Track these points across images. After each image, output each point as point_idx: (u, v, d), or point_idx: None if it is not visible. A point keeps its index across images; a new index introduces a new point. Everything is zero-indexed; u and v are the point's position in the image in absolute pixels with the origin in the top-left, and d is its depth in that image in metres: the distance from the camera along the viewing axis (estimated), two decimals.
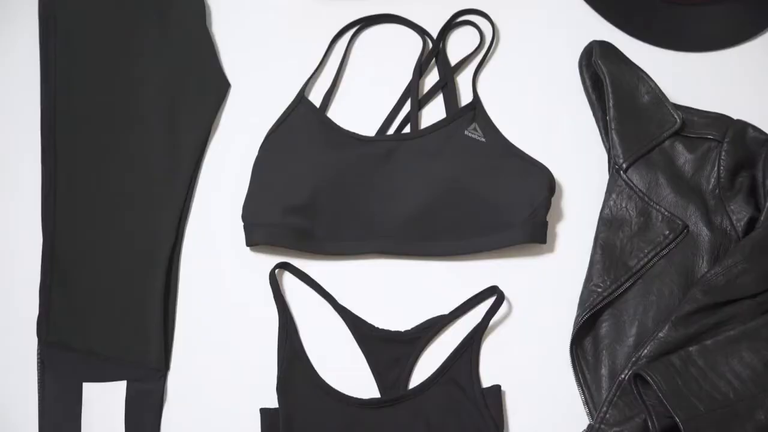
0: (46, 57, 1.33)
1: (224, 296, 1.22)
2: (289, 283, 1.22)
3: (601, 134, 1.30)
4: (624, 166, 1.23)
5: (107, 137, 1.29)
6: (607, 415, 1.13)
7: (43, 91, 1.31)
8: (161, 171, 1.27)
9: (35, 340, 1.18)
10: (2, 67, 1.35)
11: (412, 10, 1.39)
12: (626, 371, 1.13)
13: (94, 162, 1.28)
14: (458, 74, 1.36)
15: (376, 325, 1.19)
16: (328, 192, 1.23)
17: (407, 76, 1.34)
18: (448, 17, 1.38)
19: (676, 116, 1.25)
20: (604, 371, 1.16)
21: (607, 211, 1.22)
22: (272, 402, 1.15)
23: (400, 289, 1.23)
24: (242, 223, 1.22)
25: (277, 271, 1.22)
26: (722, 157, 1.22)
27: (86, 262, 1.22)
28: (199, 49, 1.36)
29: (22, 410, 1.17)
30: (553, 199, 1.23)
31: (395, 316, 1.20)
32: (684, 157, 1.24)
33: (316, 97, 1.33)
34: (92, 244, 1.23)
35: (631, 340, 1.16)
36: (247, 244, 1.22)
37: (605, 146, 1.29)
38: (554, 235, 1.25)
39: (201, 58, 1.35)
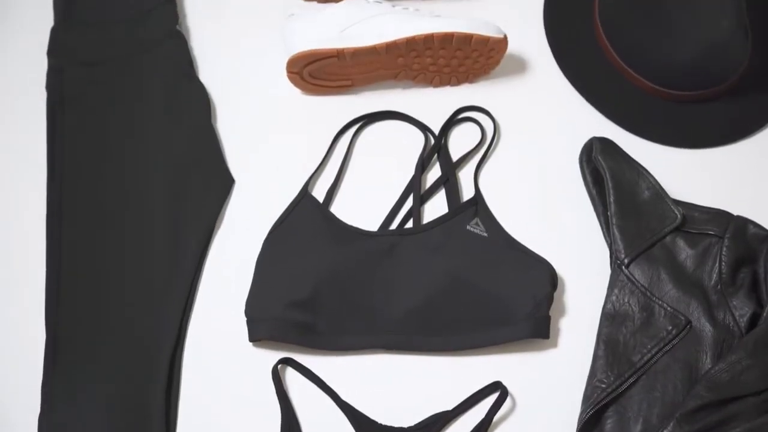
0: (53, 150, 1.35)
1: (227, 392, 1.21)
2: (292, 378, 1.22)
3: (602, 229, 1.31)
4: (626, 261, 1.23)
5: (111, 231, 1.30)
6: None
7: (49, 184, 1.32)
8: (165, 266, 1.27)
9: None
10: (7, 162, 1.38)
11: (415, 107, 1.41)
12: None
13: (99, 256, 1.28)
14: (460, 169, 1.37)
15: (378, 422, 1.18)
16: (331, 287, 1.23)
17: (410, 172, 1.36)
18: (449, 114, 1.40)
19: (676, 212, 1.26)
20: None
21: (609, 306, 1.22)
22: None
23: (403, 384, 1.22)
24: (245, 319, 1.22)
25: (279, 366, 1.21)
26: (723, 253, 1.23)
27: (89, 358, 1.22)
28: (204, 145, 1.37)
29: None
30: (555, 294, 1.24)
31: (398, 412, 1.19)
32: (685, 252, 1.25)
33: (319, 193, 1.34)
34: (95, 340, 1.23)
35: None
36: (250, 340, 1.21)
37: (606, 241, 1.29)
38: (557, 330, 1.25)
39: (205, 153, 1.36)
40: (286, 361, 1.22)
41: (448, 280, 1.23)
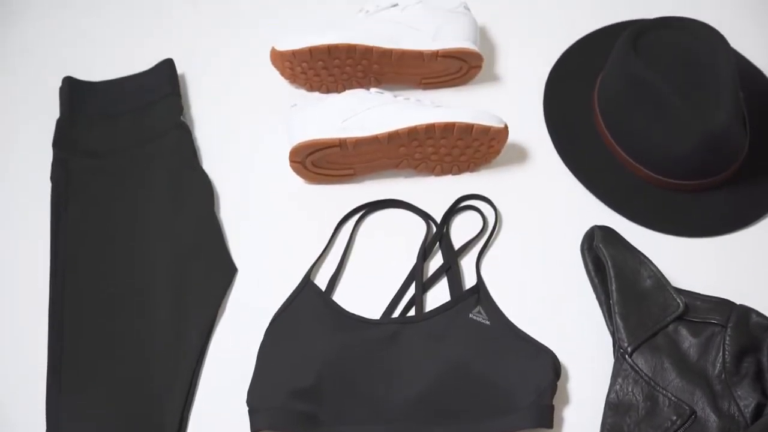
0: (56, 241, 1.35)
1: None
2: None
3: (604, 317, 1.31)
4: (629, 350, 1.23)
5: (114, 320, 1.30)
6: None
7: (53, 272, 1.33)
8: (167, 355, 1.27)
9: None
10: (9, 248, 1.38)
11: (416, 196, 1.42)
12: None
13: (101, 345, 1.28)
14: (462, 257, 1.37)
15: None
16: (333, 376, 1.23)
17: (412, 260, 1.36)
18: (451, 202, 1.41)
19: (678, 300, 1.26)
20: None
21: (613, 395, 1.21)
22: None
23: None
24: (247, 408, 1.21)
25: None
26: (726, 342, 1.22)
27: None
28: (207, 234, 1.38)
29: None
30: (558, 383, 1.23)
31: None
32: (688, 341, 1.24)
33: (321, 281, 1.34)
34: (96, 429, 1.22)
35: None
36: (252, 430, 1.20)
37: (609, 329, 1.29)
38: (560, 420, 1.24)
39: (208, 242, 1.37)
40: None
41: (451, 369, 1.23)
